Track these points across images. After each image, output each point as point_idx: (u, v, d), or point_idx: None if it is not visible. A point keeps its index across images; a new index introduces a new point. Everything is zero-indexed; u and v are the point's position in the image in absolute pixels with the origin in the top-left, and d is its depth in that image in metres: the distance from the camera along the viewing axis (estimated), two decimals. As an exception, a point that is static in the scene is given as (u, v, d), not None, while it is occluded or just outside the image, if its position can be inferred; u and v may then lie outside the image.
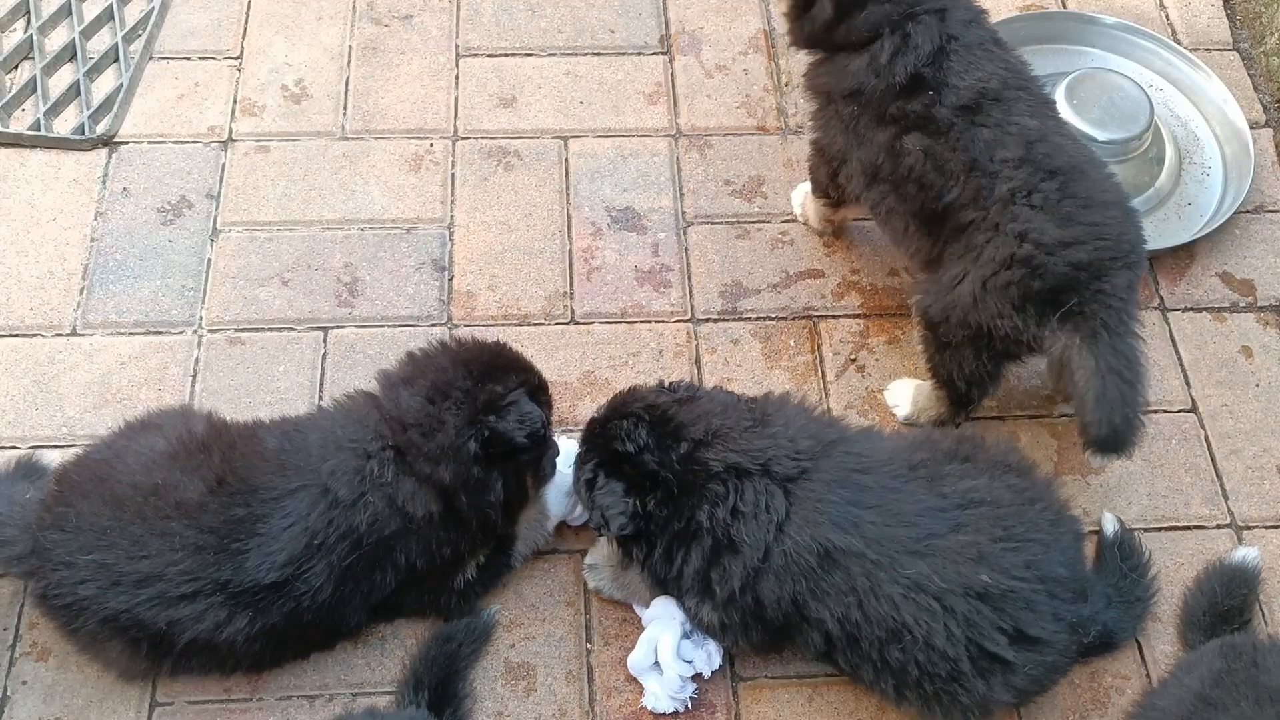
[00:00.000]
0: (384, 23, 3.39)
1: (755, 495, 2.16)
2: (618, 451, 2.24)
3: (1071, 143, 2.49)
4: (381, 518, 2.23)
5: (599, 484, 2.25)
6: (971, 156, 2.40)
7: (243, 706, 2.36)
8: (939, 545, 2.15)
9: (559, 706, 2.39)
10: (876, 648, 2.17)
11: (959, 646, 2.13)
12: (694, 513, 2.19)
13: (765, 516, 2.16)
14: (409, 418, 2.24)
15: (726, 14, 3.45)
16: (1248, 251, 3.08)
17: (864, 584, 2.14)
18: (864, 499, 2.19)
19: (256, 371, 2.77)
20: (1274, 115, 3.31)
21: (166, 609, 2.15)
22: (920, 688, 2.19)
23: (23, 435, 2.65)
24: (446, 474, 2.23)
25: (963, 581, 2.13)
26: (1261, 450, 2.77)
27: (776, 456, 2.19)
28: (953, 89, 2.44)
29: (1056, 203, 2.36)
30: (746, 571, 2.17)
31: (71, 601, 2.18)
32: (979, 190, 2.40)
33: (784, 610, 2.20)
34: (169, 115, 3.16)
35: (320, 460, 2.24)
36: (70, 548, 2.17)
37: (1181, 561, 2.60)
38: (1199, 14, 3.51)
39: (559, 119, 3.23)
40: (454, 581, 2.38)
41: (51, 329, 2.81)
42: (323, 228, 3.00)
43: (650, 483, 2.21)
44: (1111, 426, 2.32)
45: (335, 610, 2.27)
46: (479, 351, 2.36)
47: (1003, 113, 2.42)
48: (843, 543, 2.15)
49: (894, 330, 2.91)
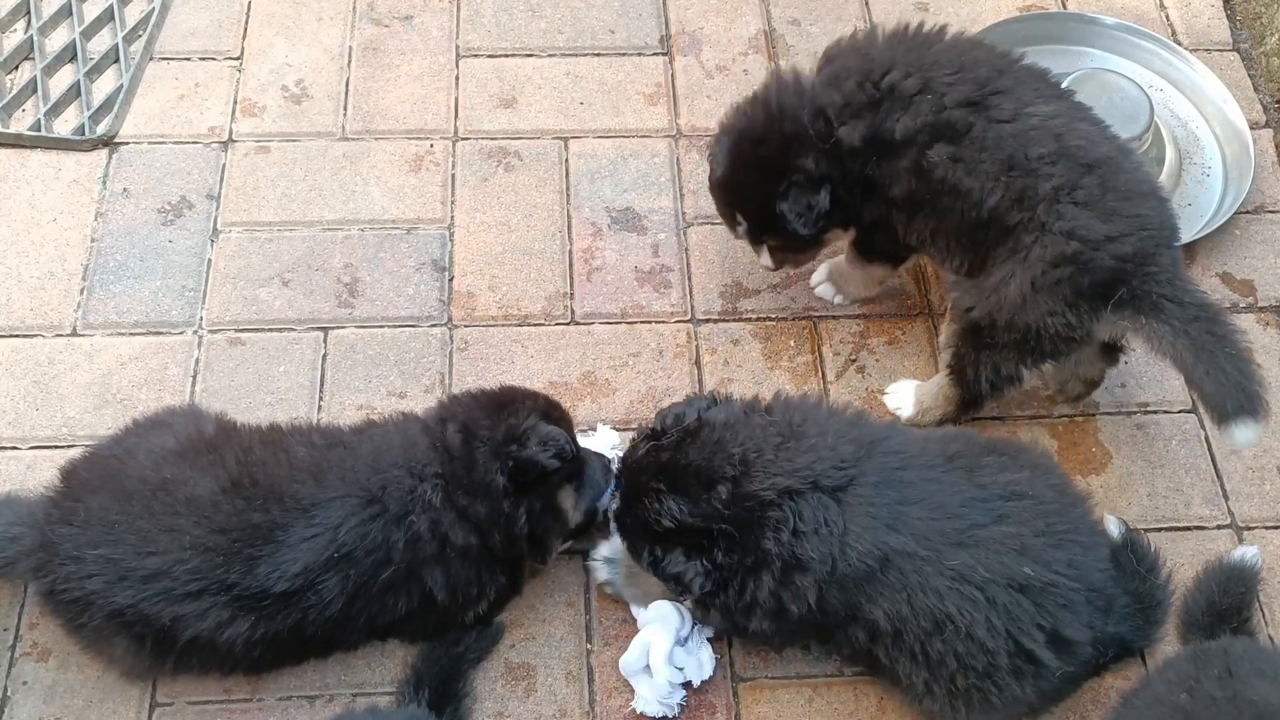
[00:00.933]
0: (384, 23, 3.39)
1: (812, 512, 2.11)
2: (659, 534, 2.18)
3: (1095, 128, 2.49)
4: (421, 540, 2.23)
5: (662, 562, 2.19)
6: (1008, 154, 2.39)
7: (243, 707, 2.36)
8: (982, 536, 2.13)
9: (559, 707, 2.39)
10: (920, 640, 2.14)
11: (999, 639, 2.11)
12: (759, 543, 2.13)
13: (826, 531, 2.11)
14: (454, 451, 2.26)
15: (727, 14, 3.46)
16: (1248, 252, 3.08)
17: (915, 580, 2.12)
18: (909, 495, 2.16)
19: (257, 372, 2.77)
20: (1274, 116, 3.31)
21: (171, 605, 2.15)
22: (953, 682, 2.16)
23: (23, 435, 2.65)
24: (482, 509, 2.25)
25: (1005, 572, 2.11)
26: (1262, 450, 2.77)
27: (824, 470, 2.14)
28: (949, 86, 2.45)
29: (1100, 198, 2.37)
30: (817, 586, 2.13)
31: (78, 596, 2.17)
32: (1024, 191, 2.39)
33: (842, 615, 2.17)
34: (169, 116, 3.16)
35: (370, 474, 2.24)
36: (78, 542, 2.17)
37: (1182, 562, 2.59)
38: (1199, 14, 3.51)
39: (559, 119, 3.23)
40: (464, 617, 2.38)
41: (52, 329, 2.81)
42: (323, 228, 3.01)
43: (708, 539, 2.15)
44: (1228, 379, 2.27)
45: (339, 627, 2.26)
46: (488, 395, 2.39)
47: (1015, 103, 2.42)
48: (898, 544, 2.12)
49: (894, 331, 2.91)
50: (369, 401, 2.74)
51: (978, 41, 2.61)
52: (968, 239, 2.50)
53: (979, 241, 2.48)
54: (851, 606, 2.16)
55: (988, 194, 2.41)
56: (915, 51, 2.52)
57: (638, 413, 2.74)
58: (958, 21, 3.43)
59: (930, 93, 2.44)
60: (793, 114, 2.55)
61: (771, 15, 3.46)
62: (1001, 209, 2.41)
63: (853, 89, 2.49)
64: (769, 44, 3.40)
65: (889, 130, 2.46)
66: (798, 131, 2.54)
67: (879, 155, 2.50)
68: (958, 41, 2.57)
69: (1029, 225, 2.40)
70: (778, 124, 2.56)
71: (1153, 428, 2.79)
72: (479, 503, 2.25)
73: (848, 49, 2.59)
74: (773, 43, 3.40)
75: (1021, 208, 2.40)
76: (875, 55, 2.53)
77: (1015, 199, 2.40)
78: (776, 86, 2.61)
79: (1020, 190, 2.39)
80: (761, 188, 2.60)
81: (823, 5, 3.48)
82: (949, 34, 2.57)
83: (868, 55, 2.54)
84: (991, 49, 2.56)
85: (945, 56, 2.50)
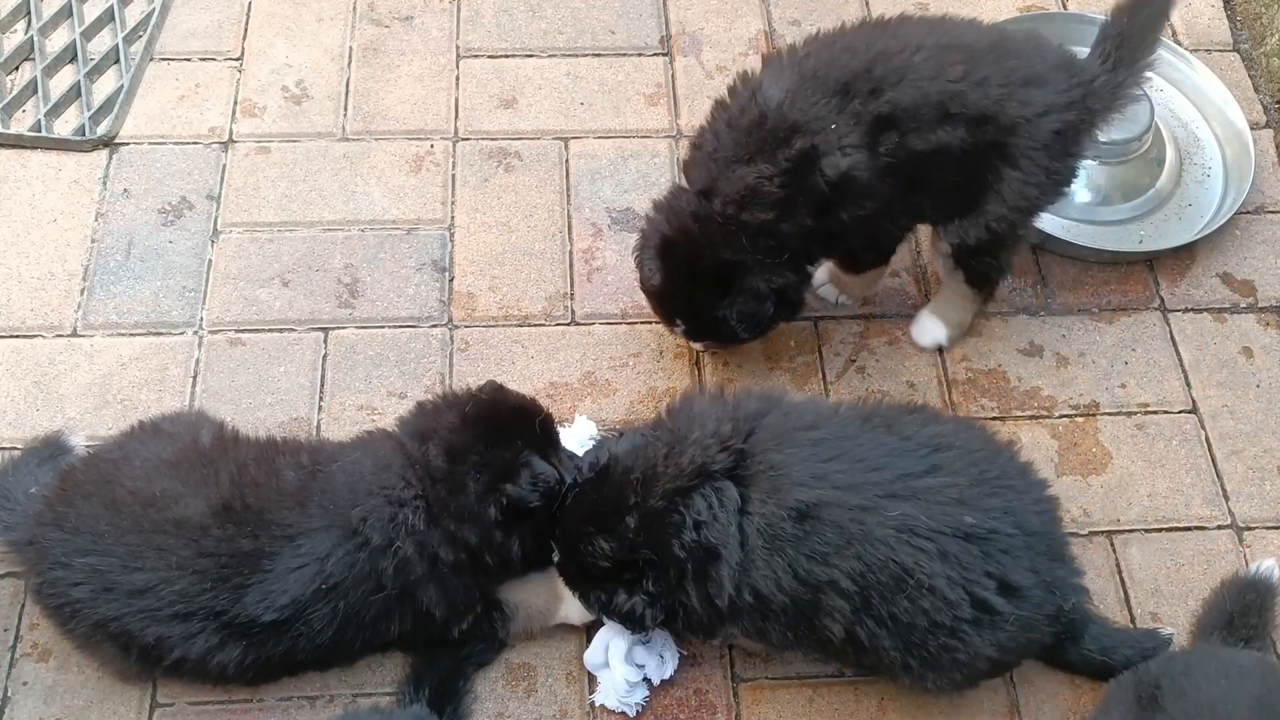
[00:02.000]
0: (384, 24, 3.39)
1: (704, 500, 2.12)
2: (599, 576, 2.21)
3: (975, 32, 2.54)
4: (411, 564, 2.20)
5: (610, 604, 2.22)
6: (938, 94, 2.41)
7: (244, 708, 2.36)
8: (917, 486, 2.12)
9: (559, 708, 2.39)
10: (887, 603, 2.11)
11: (958, 590, 2.10)
12: (671, 553, 2.13)
13: (723, 511, 2.12)
14: (436, 473, 2.22)
15: (727, 15, 3.46)
16: (1248, 252, 3.08)
17: (857, 530, 2.09)
18: (820, 452, 2.15)
19: (257, 372, 2.77)
20: (1275, 116, 3.31)
21: (156, 625, 2.13)
22: (925, 647, 2.14)
23: (23, 436, 2.65)
24: (472, 535, 2.22)
25: (949, 522, 2.10)
26: (1262, 451, 2.77)
27: (707, 459, 2.15)
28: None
29: (1032, 70, 2.48)
30: (734, 570, 2.12)
31: (65, 603, 2.17)
32: (973, 108, 2.42)
33: (789, 590, 2.13)
34: (170, 116, 3.17)
35: (349, 505, 2.20)
36: (67, 549, 2.16)
37: (1183, 562, 2.60)
38: (1199, 15, 3.51)
39: (559, 120, 3.23)
40: (464, 624, 2.34)
41: (52, 330, 2.81)
42: (323, 229, 3.01)
43: (634, 569, 2.17)
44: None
45: (333, 651, 2.25)
46: (482, 408, 2.31)
47: (901, 57, 2.43)
48: (812, 497, 2.10)
49: (894, 331, 2.91)
50: (369, 402, 2.74)
51: (806, 53, 2.51)
52: (958, 183, 2.54)
53: (969, 178, 2.52)
54: (795, 577, 2.12)
55: (952, 138, 2.42)
56: (771, 118, 2.43)
57: (638, 413, 2.74)
58: (958, 22, 3.45)
59: (828, 119, 2.39)
60: (717, 224, 2.47)
61: (772, 15, 3.46)
62: (971, 135, 2.43)
63: (761, 176, 2.41)
64: (769, 44, 3.40)
65: (826, 178, 2.41)
66: (727, 238, 2.48)
67: (837, 200, 2.45)
68: (779, 70, 2.49)
69: (1003, 132, 2.44)
70: (706, 238, 2.50)
71: (1153, 428, 2.79)
72: (468, 529, 2.21)
73: (711, 142, 2.51)
74: (773, 43, 3.40)
75: (985, 126, 2.43)
76: (745, 141, 2.44)
77: (973, 119, 2.42)
78: (683, 197, 2.55)
79: (971, 107, 2.41)
80: (702, 297, 2.57)
81: (823, 5, 3.48)
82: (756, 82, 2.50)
83: (749, 142, 2.45)
84: (825, 42, 2.51)
85: (801, 86, 2.43)
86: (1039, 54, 2.52)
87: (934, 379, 2.84)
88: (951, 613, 2.11)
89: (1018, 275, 3.00)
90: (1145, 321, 2.96)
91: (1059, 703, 2.42)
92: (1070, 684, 2.42)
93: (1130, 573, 2.58)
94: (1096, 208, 3.10)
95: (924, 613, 2.11)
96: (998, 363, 2.88)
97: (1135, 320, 2.96)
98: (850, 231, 2.53)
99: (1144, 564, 2.60)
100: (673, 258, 2.57)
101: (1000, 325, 2.94)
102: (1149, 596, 2.55)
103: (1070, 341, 2.92)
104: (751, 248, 2.48)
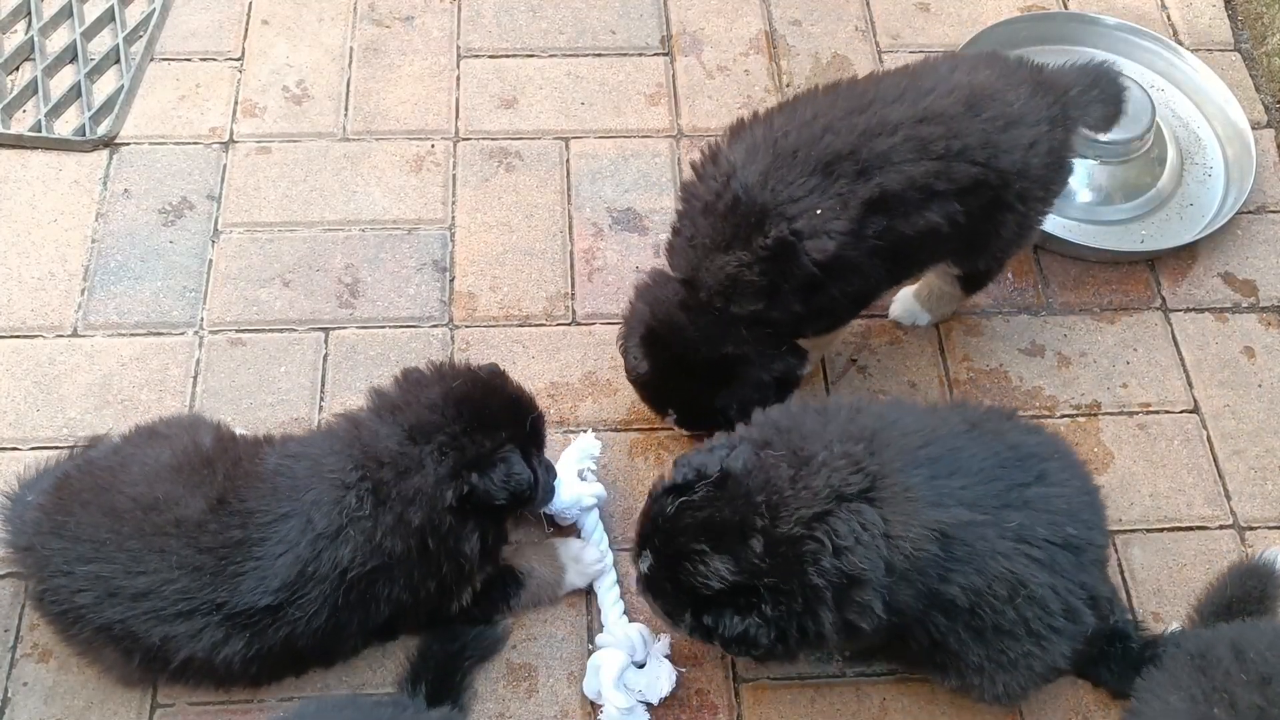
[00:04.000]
0: (385, 24, 3.39)
1: (846, 525, 2.00)
2: (707, 597, 2.06)
3: (946, 88, 2.43)
4: (363, 552, 2.16)
5: (716, 628, 2.08)
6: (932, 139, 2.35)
7: (244, 708, 2.35)
8: (1029, 495, 2.11)
9: (560, 708, 2.39)
10: (995, 613, 2.09)
11: (1058, 600, 2.10)
12: (806, 581, 2.02)
13: (867, 536, 2.02)
14: (384, 455, 2.17)
15: (727, 15, 3.46)
16: (1250, 252, 3.08)
17: (982, 546, 2.06)
18: (940, 469, 2.10)
19: (258, 372, 2.77)
20: (1276, 116, 3.31)
21: (161, 625, 2.13)
22: (1007, 652, 2.12)
23: (24, 436, 2.65)
24: (416, 517, 2.16)
25: (1059, 531, 2.10)
26: (1264, 451, 2.77)
27: (842, 480, 2.04)
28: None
29: (1020, 101, 2.44)
30: (880, 594, 2.03)
31: (67, 609, 2.17)
32: (965, 148, 2.37)
33: (919, 608, 2.09)
34: (170, 116, 3.16)
35: (305, 489, 2.18)
36: (68, 557, 2.15)
37: (1185, 562, 2.59)
38: (1200, 15, 3.51)
39: (560, 120, 3.23)
40: (449, 608, 2.33)
41: (52, 330, 2.81)
42: (324, 229, 3.00)
43: (755, 595, 2.04)
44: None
45: (332, 635, 2.24)
46: (472, 388, 2.26)
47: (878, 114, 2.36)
48: (950, 517, 2.05)
49: (894, 331, 2.91)
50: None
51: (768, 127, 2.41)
52: (955, 248, 2.52)
53: (973, 234, 2.47)
54: (928, 596, 2.07)
55: (942, 215, 2.36)
56: (745, 202, 2.33)
57: (639, 414, 2.73)
58: (958, 21, 3.45)
59: (811, 200, 2.29)
60: (712, 316, 2.39)
61: (772, 15, 3.46)
62: (965, 204, 2.38)
63: (741, 264, 2.32)
64: (770, 44, 3.40)
65: (814, 260, 2.31)
66: (725, 331, 2.40)
67: (828, 279, 2.35)
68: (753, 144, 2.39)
69: (997, 186, 2.40)
70: (700, 331, 2.42)
71: (1155, 428, 2.79)
72: (414, 510, 2.15)
73: (689, 228, 2.42)
74: (773, 43, 3.40)
75: (978, 190, 2.38)
76: (729, 225, 2.34)
77: (965, 189, 2.36)
78: (669, 286, 2.46)
79: (961, 178, 2.35)
80: (699, 389, 2.49)
81: (823, 5, 3.48)
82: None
83: (725, 234, 2.35)
84: (802, 120, 2.38)
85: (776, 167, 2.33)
86: (1010, 85, 2.43)
87: (935, 379, 2.84)
88: (1047, 621, 2.11)
89: (1018, 275, 3.00)
90: (1147, 321, 2.96)
91: (1061, 703, 2.41)
92: (1071, 684, 2.42)
93: (1132, 572, 2.58)
94: (1098, 207, 3.10)
95: (1024, 621, 2.11)
96: (999, 362, 2.88)
97: (1137, 320, 2.96)
98: (840, 306, 2.47)
99: (1146, 564, 2.59)
100: (662, 349, 2.47)
101: (1001, 325, 2.94)
102: (1151, 596, 2.55)
103: (1072, 341, 2.91)
104: (752, 339, 2.40)
